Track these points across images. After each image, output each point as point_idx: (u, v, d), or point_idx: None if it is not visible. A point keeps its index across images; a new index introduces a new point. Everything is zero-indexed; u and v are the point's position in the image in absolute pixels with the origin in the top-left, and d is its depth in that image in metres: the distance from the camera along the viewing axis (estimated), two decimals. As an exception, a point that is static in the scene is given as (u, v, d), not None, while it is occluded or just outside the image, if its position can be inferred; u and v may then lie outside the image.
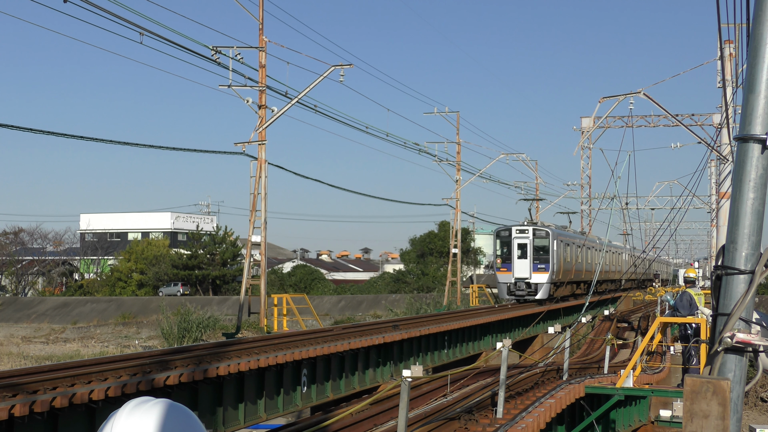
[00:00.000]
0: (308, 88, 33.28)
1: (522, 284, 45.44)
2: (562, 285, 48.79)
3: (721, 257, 6.18)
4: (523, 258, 45.54)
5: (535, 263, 45.46)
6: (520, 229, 46.26)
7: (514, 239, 45.95)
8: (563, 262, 48.06)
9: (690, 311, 20.95)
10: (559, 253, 47.07)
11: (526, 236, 45.88)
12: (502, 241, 46.38)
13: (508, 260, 45.67)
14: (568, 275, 49.67)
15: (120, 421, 2.38)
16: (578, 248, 53.12)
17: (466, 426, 16.27)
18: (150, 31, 23.77)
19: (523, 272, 45.53)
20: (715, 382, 5.83)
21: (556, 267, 46.48)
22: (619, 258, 73.96)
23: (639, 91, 40.74)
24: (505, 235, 46.37)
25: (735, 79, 31.05)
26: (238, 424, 17.87)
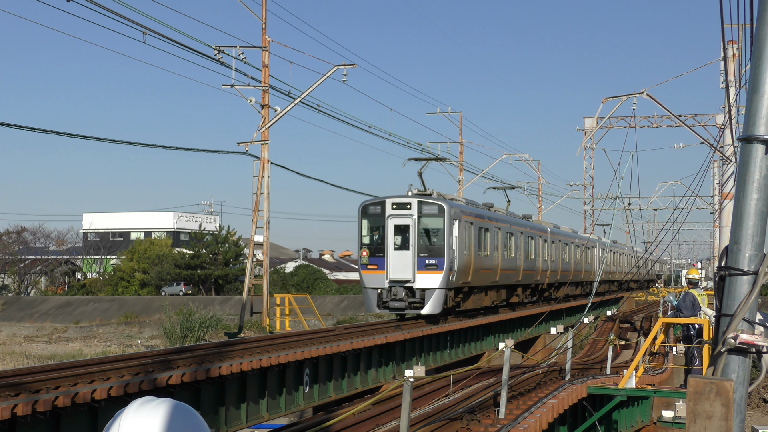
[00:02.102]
0: (311, 87, 33.28)
1: (400, 291, 28.55)
2: (473, 292, 32.71)
3: (725, 258, 6.17)
4: (403, 248, 28.81)
5: (422, 257, 28.72)
6: (398, 203, 29.25)
7: (388, 219, 28.99)
8: (474, 256, 31.55)
9: (693, 312, 20.93)
10: (466, 242, 30.76)
11: (407, 214, 28.99)
12: (370, 223, 29.52)
13: (379, 252, 28.94)
14: (485, 277, 33.62)
15: (127, 420, 2.40)
16: (510, 236, 37.63)
17: (468, 426, 16.27)
18: (153, 31, 23.77)
19: (402, 271, 28.70)
20: (719, 382, 5.83)
21: (459, 263, 29.76)
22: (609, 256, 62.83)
23: (642, 92, 40.72)
24: (374, 212, 29.40)
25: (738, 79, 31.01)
26: (241, 424, 17.87)
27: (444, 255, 28.78)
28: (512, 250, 37.96)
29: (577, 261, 53.65)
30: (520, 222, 40.80)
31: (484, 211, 35.02)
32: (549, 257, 44.84)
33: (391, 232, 29.04)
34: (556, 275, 47.02)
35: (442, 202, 29.29)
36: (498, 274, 35.28)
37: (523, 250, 39.53)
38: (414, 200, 29.23)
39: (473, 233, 31.84)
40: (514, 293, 39.52)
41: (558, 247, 47.24)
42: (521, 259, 39.19)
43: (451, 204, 29.96)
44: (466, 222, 30.89)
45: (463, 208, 31.36)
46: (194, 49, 27.37)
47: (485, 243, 33.76)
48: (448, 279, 28.79)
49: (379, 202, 29.40)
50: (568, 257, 50.78)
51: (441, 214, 29.12)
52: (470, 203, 33.77)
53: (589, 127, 65.77)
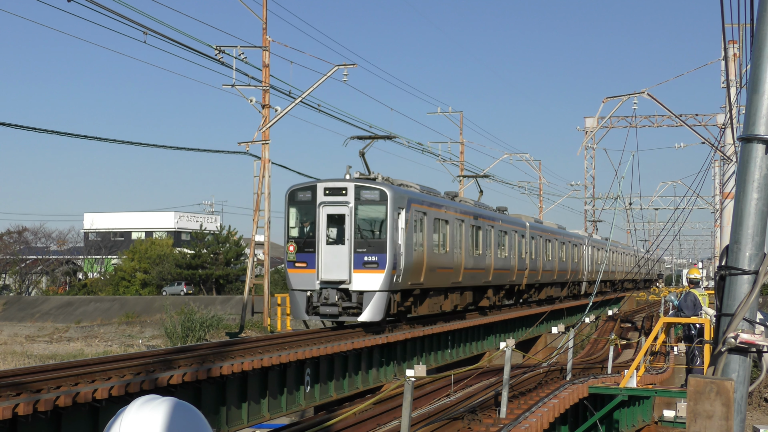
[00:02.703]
0: (312, 87, 33.28)
1: (333, 294, 24.11)
2: (428, 294, 28.00)
3: (725, 258, 6.18)
4: (338, 243, 24.39)
5: (360, 253, 24.18)
6: (331, 188, 24.69)
7: (320, 207, 24.51)
8: (428, 253, 26.91)
9: (694, 311, 20.93)
10: (417, 235, 26.19)
11: (343, 201, 24.44)
12: (299, 212, 25.05)
13: (309, 247, 24.49)
14: (444, 277, 28.90)
15: (129, 417, 2.41)
16: (477, 230, 32.87)
17: (469, 426, 16.27)
18: (153, 31, 23.79)
19: (336, 270, 24.21)
20: (719, 382, 5.83)
21: (407, 261, 25.09)
22: (595, 254, 58.06)
23: (643, 91, 40.71)
24: (304, 199, 24.87)
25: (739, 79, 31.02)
26: (242, 424, 17.88)
27: (386, 250, 24.04)
28: (480, 246, 33.22)
29: (563, 260, 48.88)
30: (491, 214, 35.56)
31: (443, 200, 30.09)
32: (528, 255, 40.35)
33: (324, 223, 24.47)
34: (537, 275, 42.40)
35: (384, 187, 24.52)
36: (461, 274, 30.49)
37: (493, 247, 34.81)
38: (351, 184, 24.46)
39: (427, 225, 27.07)
40: (484, 295, 34.94)
41: (539, 244, 42.89)
42: (491, 256, 34.46)
43: (397, 190, 25.17)
44: (417, 212, 26.19)
45: (414, 195, 26.48)
46: (195, 49, 27.40)
47: (443, 237, 29.05)
48: (391, 279, 24.12)
49: (309, 187, 24.75)
50: (552, 255, 45.92)
51: (383, 201, 24.33)
52: (427, 190, 29.07)
53: (590, 126, 65.77)
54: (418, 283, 26.27)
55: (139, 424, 2.39)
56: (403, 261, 24.81)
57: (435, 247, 28.01)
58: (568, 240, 50.87)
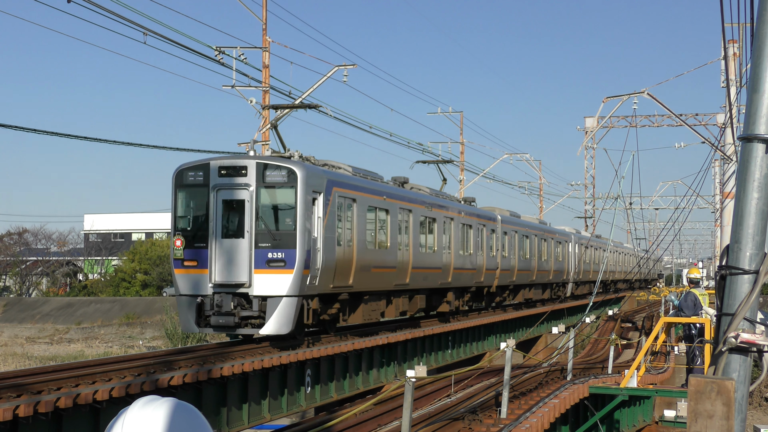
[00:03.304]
0: (312, 88, 33.28)
1: (228, 300, 19.45)
2: (363, 299, 23.36)
3: (726, 257, 6.17)
4: (236, 236, 19.86)
5: (264, 249, 19.63)
6: (228, 166, 20.20)
7: (215, 191, 20.04)
8: (358, 249, 22.57)
9: (694, 311, 20.94)
10: (343, 227, 21.93)
11: (242, 183, 19.98)
12: (189, 197, 20.60)
13: (201, 242, 19.98)
14: (382, 278, 24.36)
15: (130, 418, 2.42)
16: (431, 222, 28.43)
17: (470, 426, 16.28)
18: (153, 31, 23.79)
19: (233, 271, 19.67)
20: (720, 382, 5.83)
21: (327, 258, 20.67)
22: (565, 249, 50.02)
23: (643, 91, 40.70)
24: (194, 181, 20.38)
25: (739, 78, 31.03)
26: (242, 425, 17.89)
27: (296, 245, 19.41)
28: (435, 241, 28.54)
29: (544, 258, 44.11)
30: (452, 205, 30.95)
31: (383, 185, 25.24)
32: (499, 253, 35.75)
33: (219, 211, 19.82)
34: (511, 275, 37.73)
35: (294, 166, 19.80)
36: (408, 274, 25.84)
37: (454, 243, 30.19)
38: (251, 162, 19.87)
39: (358, 215, 22.59)
40: (443, 299, 30.26)
41: (513, 241, 38.30)
42: (451, 254, 29.87)
43: (312, 169, 20.52)
44: (342, 198, 21.69)
45: (338, 177, 21.80)
46: (195, 49, 27.38)
47: (382, 230, 24.59)
48: (304, 281, 19.44)
49: (202, 166, 20.14)
50: (530, 253, 41.14)
51: (292, 182, 19.68)
52: (362, 173, 24.50)
53: (590, 126, 65.80)
54: (344, 286, 21.63)
55: (140, 425, 2.40)
56: (321, 258, 20.20)
57: (369, 242, 23.57)
58: (551, 236, 46.13)
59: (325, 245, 20.63)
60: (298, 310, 19.40)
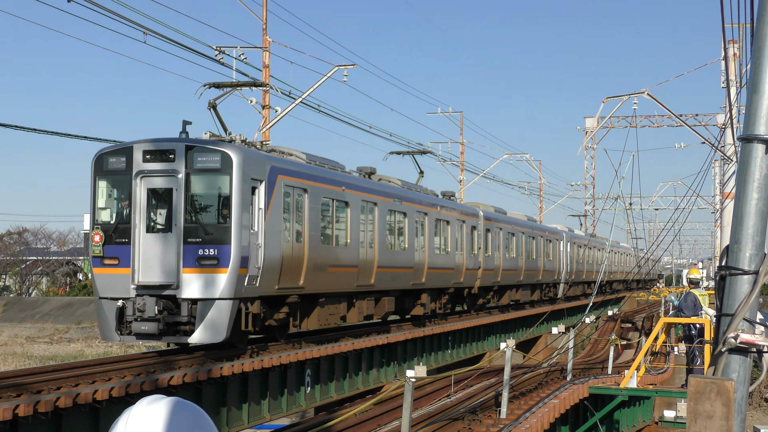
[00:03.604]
0: (312, 88, 33.31)
1: (151, 304, 17.11)
2: (318, 302, 20.85)
3: (725, 258, 6.18)
4: (163, 230, 17.66)
5: (194, 245, 17.37)
6: (153, 150, 17.92)
7: (138, 178, 17.76)
8: (311, 245, 20.18)
9: (694, 312, 20.94)
10: (289, 221, 19.37)
11: (170, 169, 17.69)
12: (110, 185, 18.30)
13: (122, 237, 17.70)
14: (340, 279, 21.96)
15: (135, 416, 2.42)
16: (403, 217, 26.20)
17: (469, 426, 16.28)
18: (153, 31, 23.79)
19: (159, 270, 17.47)
20: (719, 382, 5.83)
21: (268, 256, 18.36)
22: (551, 246, 46.11)
23: (643, 91, 40.71)
24: (116, 167, 18.05)
25: (739, 79, 31.03)
26: (242, 425, 17.89)
27: (231, 241, 17.06)
28: (406, 238, 26.15)
29: (532, 257, 41.60)
30: (426, 199, 28.42)
31: (342, 175, 22.68)
32: (481, 251, 33.35)
33: (143, 202, 17.52)
34: (495, 276, 35.34)
35: (229, 149, 17.43)
36: (372, 274, 23.50)
37: (428, 240, 27.82)
38: (180, 145, 17.52)
39: (310, 207, 20.10)
40: (416, 301, 27.89)
41: (498, 238, 35.82)
42: (425, 252, 27.55)
43: (252, 154, 18.11)
44: (291, 187, 19.32)
45: (286, 164, 19.45)
46: (195, 49, 27.39)
47: (341, 225, 22.21)
48: (241, 282, 17.13)
49: (124, 150, 17.77)
50: (516, 252, 38.65)
51: (226, 168, 17.32)
52: (318, 161, 21.80)
53: (590, 126, 65.78)
54: (294, 287, 19.24)
55: (144, 423, 2.40)
56: (263, 256, 17.90)
57: (325, 238, 21.08)
58: (540, 234, 43.51)
59: (269, 241, 18.24)
60: (234, 315, 17.05)
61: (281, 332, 20.54)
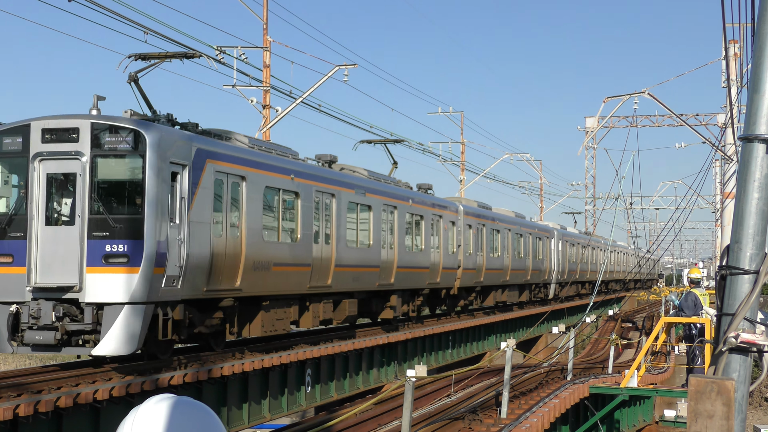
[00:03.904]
0: (313, 87, 33.33)
1: (47, 310, 14.32)
2: (259, 306, 18.56)
3: (726, 257, 6.18)
4: (65, 222, 15.20)
5: (99, 240, 14.79)
6: (54, 129, 15.25)
7: (36, 162, 15.24)
8: (249, 240, 17.87)
9: (695, 311, 20.94)
10: (220, 212, 17.06)
11: (72, 151, 15.13)
12: (3, 169, 15.73)
13: (16, 230, 15.07)
14: (285, 279, 19.52)
15: (142, 414, 2.42)
16: (366, 210, 23.88)
17: (470, 426, 16.29)
18: (154, 31, 23.80)
19: (60, 269, 14.83)
20: (720, 382, 5.83)
21: (193, 253, 15.85)
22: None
23: (643, 91, 40.72)
24: (11, 149, 15.41)
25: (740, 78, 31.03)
26: (243, 424, 17.90)
27: (144, 235, 14.67)
28: (371, 234, 23.85)
29: (520, 256, 39.16)
30: (396, 191, 26.06)
31: (294, 162, 20.26)
32: (462, 249, 31.00)
33: (41, 189, 15.19)
34: (477, 276, 33.09)
35: (142, 128, 15.07)
36: (329, 273, 21.07)
37: (398, 236, 25.38)
38: (85, 123, 15.17)
39: (249, 197, 17.76)
40: (384, 303, 25.46)
41: (480, 235, 33.48)
42: (395, 249, 25.16)
43: (172, 134, 15.74)
44: (223, 174, 16.96)
45: (218, 147, 17.01)
46: (196, 49, 27.40)
47: (290, 218, 19.86)
48: (157, 283, 14.79)
49: (20, 128, 15.35)
50: (502, 250, 36.33)
51: (139, 150, 14.94)
52: (262, 146, 19.54)
53: (591, 126, 65.78)
54: (228, 289, 16.91)
55: (151, 422, 2.40)
56: (186, 253, 15.47)
57: (269, 233, 18.75)
58: (528, 231, 41.05)
59: (194, 235, 15.74)
60: (148, 322, 14.61)
61: (217, 340, 18.02)
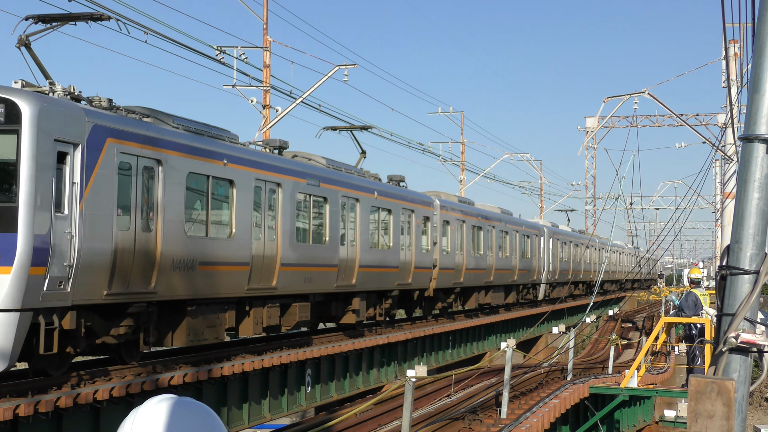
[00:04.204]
0: (313, 87, 33.34)
1: None
2: (184, 312, 15.96)
3: (726, 257, 6.18)
4: None
5: None
6: None
7: None
8: (167, 235, 15.30)
9: (695, 311, 20.94)
10: (126, 203, 14.42)
11: None
12: None
13: None
14: (216, 281, 16.80)
15: (143, 414, 2.42)
16: (321, 204, 21.30)
17: (470, 426, 16.29)
18: (155, 31, 23.80)
19: None
20: (720, 382, 5.83)
21: (88, 250, 13.38)
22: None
23: (643, 91, 40.73)
24: None
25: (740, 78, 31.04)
26: (243, 424, 17.90)
27: (18, 227, 12.47)
28: (327, 229, 21.03)
29: (505, 255, 36.38)
30: (359, 182, 23.24)
31: (228, 146, 17.48)
32: (438, 247, 28.35)
33: None
34: (457, 276, 30.33)
35: (18, 97, 12.78)
36: (274, 274, 18.37)
37: (360, 232, 22.72)
38: None
39: (165, 185, 15.23)
40: (346, 306, 22.61)
41: (459, 232, 30.71)
42: (356, 246, 22.54)
43: (59, 107, 13.37)
44: (129, 156, 14.45)
45: (123, 124, 14.49)
46: (196, 49, 27.41)
47: (223, 210, 17.36)
48: (36, 285, 12.52)
49: None
50: (484, 249, 33.44)
51: (13, 124, 12.65)
52: (190, 127, 16.69)
53: (591, 126, 65.80)
54: (140, 292, 14.58)
55: (152, 422, 2.40)
56: (77, 249, 13.20)
57: (193, 227, 16.25)
58: (514, 228, 38.21)
59: (89, 229, 13.44)
60: (24, 333, 12.29)
61: (131, 352, 15.55)
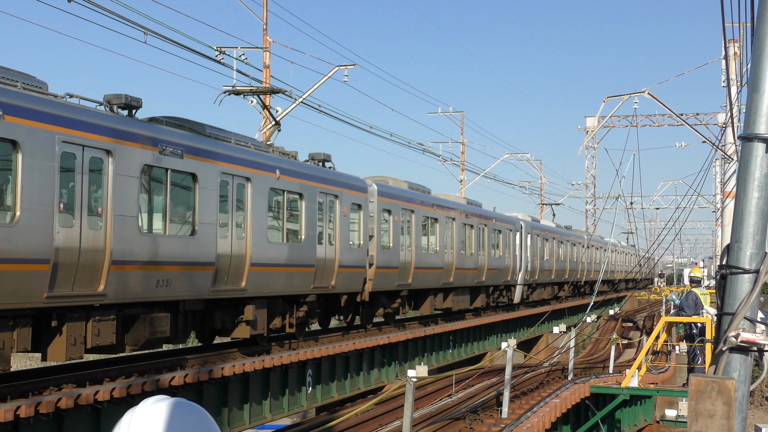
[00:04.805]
0: (312, 88, 33.33)
1: None
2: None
3: (726, 256, 6.18)
4: None
5: None
6: None
7: None
8: None
9: (695, 311, 20.95)
10: None
11: None
12: None
13: None
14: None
15: (138, 416, 2.42)
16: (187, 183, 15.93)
17: (471, 426, 16.29)
18: (154, 32, 23.79)
19: None
20: (720, 381, 5.84)
21: None
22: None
23: (643, 91, 40.73)
24: None
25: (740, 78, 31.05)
26: (244, 425, 17.90)
27: None
28: (195, 215, 16.04)
29: (469, 252, 31.75)
30: (252, 157, 18.04)
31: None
32: (374, 242, 23.78)
33: None
34: (404, 276, 25.76)
35: None
36: (101, 275, 13.42)
37: (252, 223, 17.72)
38: None
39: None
40: (237, 317, 17.85)
41: (405, 224, 26.04)
42: (247, 241, 17.61)
43: None
44: None
45: None
46: (195, 50, 27.40)
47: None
48: None
49: None
50: (440, 245, 28.68)
51: None
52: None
53: (591, 126, 65.80)
54: None
55: (147, 423, 2.41)
56: None
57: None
58: (482, 222, 33.41)
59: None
60: None
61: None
